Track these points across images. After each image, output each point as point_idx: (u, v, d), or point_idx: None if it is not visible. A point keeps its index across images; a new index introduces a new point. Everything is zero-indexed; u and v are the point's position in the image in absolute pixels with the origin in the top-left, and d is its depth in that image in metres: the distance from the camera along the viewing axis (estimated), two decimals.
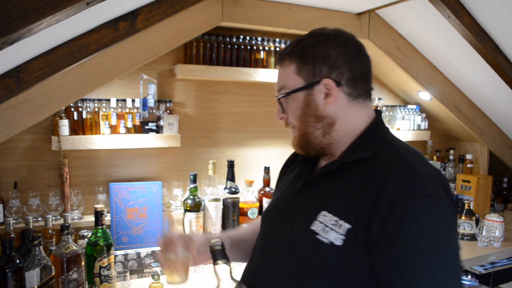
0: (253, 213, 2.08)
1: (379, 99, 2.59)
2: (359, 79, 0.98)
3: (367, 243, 0.85)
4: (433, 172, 0.90)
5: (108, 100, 1.89)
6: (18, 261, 1.43)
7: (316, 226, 0.92)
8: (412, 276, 0.81)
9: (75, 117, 1.81)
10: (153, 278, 1.56)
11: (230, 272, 0.93)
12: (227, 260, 0.93)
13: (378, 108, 2.52)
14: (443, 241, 0.83)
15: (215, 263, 0.93)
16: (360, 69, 0.98)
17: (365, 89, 1.00)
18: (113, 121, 1.87)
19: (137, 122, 1.92)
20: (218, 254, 0.93)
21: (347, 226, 0.88)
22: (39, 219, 1.80)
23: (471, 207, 2.40)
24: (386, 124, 1.07)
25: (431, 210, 0.83)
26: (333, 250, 0.88)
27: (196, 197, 1.96)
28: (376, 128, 1.00)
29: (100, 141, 1.82)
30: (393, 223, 0.83)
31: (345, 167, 0.96)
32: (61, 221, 1.76)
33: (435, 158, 2.76)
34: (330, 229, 0.89)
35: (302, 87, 0.98)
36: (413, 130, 2.65)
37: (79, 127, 1.82)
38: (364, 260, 0.86)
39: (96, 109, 1.85)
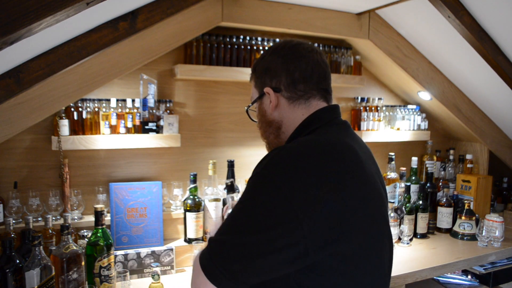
0: None
1: (379, 99, 2.59)
2: (297, 81, 1.04)
3: None
4: (286, 162, 0.88)
5: (108, 100, 1.89)
6: (18, 261, 1.43)
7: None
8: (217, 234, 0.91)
9: (75, 117, 1.81)
10: (153, 278, 1.56)
11: None
12: None
13: (378, 107, 2.52)
14: (244, 207, 0.89)
15: None
16: (298, 72, 1.04)
17: (305, 90, 1.04)
18: (113, 121, 1.87)
19: (137, 122, 1.92)
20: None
21: None
22: (39, 219, 1.80)
23: (471, 207, 2.41)
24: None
25: (255, 182, 0.90)
26: None
27: (196, 197, 1.96)
28: (296, 131, 1.05)
29: (100, 141, 1.82)
30: None
31: None
32: (61, 221, 1.76)
33: (435, 158, 2.77)
34: None
35: (256, 99, 1.12)
36: (413, 130, 2.65)
37: (79, 127, 1.82)
38: None
39: (96, 109, 1.85)
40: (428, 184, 2.47)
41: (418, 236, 2.33)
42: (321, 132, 1.01)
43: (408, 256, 2.07)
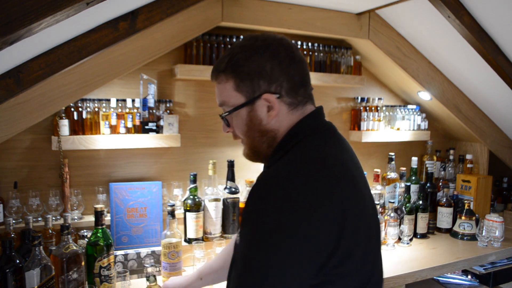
0: None
1: (379, 99, 2.59)
2: (298, 86, 0.97)
3: None
4: (288, 190, 0.83)
5: (108, 100, 1.89)
6: (18, 261, 1.43)
7: (239, 231, 0.95)
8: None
9: (75, 117, 1.81)
10: (148, 280, 1.48)
11: None
12: None
13: (378, 107, 2.51)
14: (253, 248, 0.83)
15: None
16: (297, 76, 0.97)
17: (304, 94, 0.99)
18: (113, 121, 1.87)
19: (137, 122, 1.92)
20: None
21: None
22: (39, 219, 1.80)
23: (471, 207, 2.41)
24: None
25: (253, 224, 0.85)
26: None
27: (196, 197, 1.96)
28: (287, 138, 0.98)
29: (100, 141, 1.82)
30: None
31: None
32: (61, 221, 1.76)
33: (435, 158, 2.77)
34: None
35: (243, 104, 0.97)
36: (413, 130, 2.65)
37: (79, 127, 1.82)
38: None
39: (96, 109, 1.85)
40: (428, 184, 2.47)
41: (418, 236, 2.33)
42: (308, 146, 0.95)
43: (408, 256, 2.07)
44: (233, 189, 2.05)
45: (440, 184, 2.61)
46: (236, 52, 0.97)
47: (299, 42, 2.23)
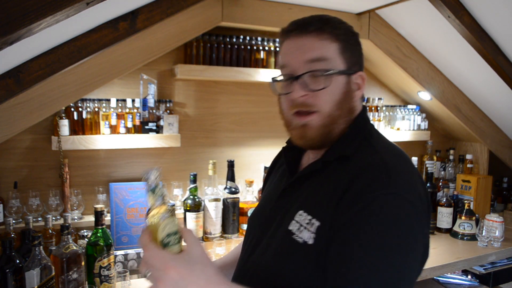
0: None
1: (379, 99, 2.59)
2: None
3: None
4: (406, 175, 0.86)
5: (108, 100, 1.89)
6: (18, 261, 1.43)
7: (292, 226, 0.90)
8: (350, 262, 0.78)
9: (75, 117, 1.81)
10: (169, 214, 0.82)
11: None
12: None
13: (378, 107, 2.52)
14: (391, 239, 0.78)
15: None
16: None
17: None
18: (113, 121, 1.87)
19: (137, 122, 1.92)
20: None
21: (317, 224, 0.85)
22: (39, 219, 1.80)
23: (471, 207, 2.40)
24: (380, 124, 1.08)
25: (391, 207, 0.79)
26: (307, 249, 0.85)
27: (196, 197, 1.96)
28: (359, 125, 0.95)
29: (100, 141, 1.82)
30: (350, 214, 0.81)
31: (326, 165, 0.93)
32: (61, 221, 1.76)
33: (435, 158, 2.76)
34: (304, 228, 0.87)
35: (345, 71, 0.90)
36: (413, 130, 2.65)
37: (79, 127, 1.82)
38: None
39: (96, 109, 1.85)
40: (428, 184, 2.47)
41: None
42: (380, 136, 0.96)
43: None
44: (233, 189, 2.06)
45: (440, 184, 2.61)
46: (339, 21, 0.94)
47: None
